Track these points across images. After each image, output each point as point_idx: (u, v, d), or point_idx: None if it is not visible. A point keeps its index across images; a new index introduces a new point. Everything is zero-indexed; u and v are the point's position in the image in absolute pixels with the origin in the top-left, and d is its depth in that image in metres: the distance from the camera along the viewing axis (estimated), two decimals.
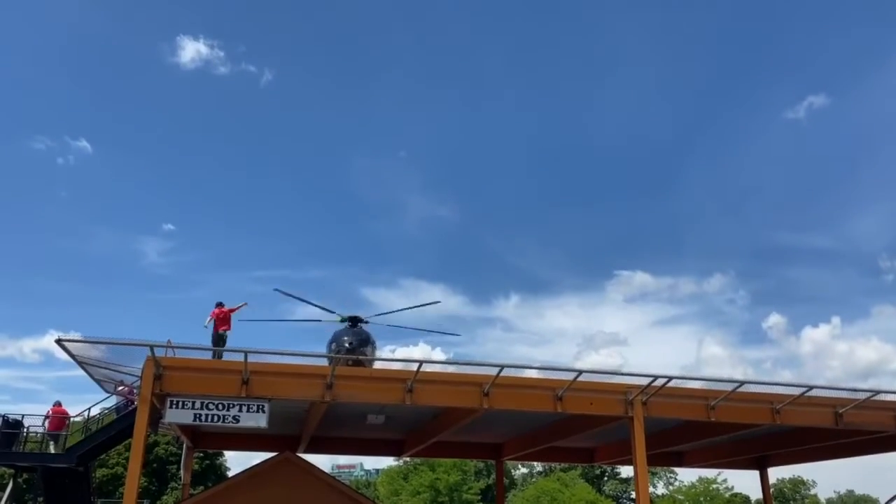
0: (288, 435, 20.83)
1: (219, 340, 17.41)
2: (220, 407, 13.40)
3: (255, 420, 13.49)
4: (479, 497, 62.55)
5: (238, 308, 18.23)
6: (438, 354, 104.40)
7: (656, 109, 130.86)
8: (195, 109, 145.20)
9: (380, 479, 74.14)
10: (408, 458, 52.85)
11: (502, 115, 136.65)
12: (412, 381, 14.06)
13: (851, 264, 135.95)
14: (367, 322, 23.97)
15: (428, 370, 14.65)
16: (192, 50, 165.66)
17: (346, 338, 22.92)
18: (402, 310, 25.06)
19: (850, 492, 77.35)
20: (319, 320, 24.38)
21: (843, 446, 20.83)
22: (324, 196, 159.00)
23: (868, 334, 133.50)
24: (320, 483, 21.55)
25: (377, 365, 21.71)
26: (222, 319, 17.75)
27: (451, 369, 17.11)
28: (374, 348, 23.31)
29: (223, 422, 13.46)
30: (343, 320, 23.78)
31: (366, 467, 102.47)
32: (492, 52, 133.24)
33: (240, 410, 13.45)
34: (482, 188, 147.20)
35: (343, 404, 14.86)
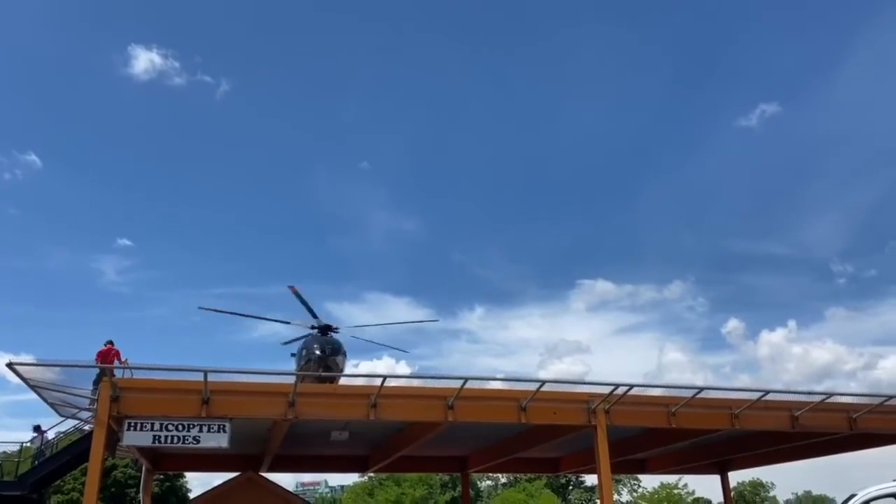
0: (250, 454, 20.51)
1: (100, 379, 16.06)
2: (180, 428, 13.17)
3: (217, 440, 13.29)
4: None
5: (123, 359, 16.76)
6: (403, 368, 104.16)
7: (616, 120, 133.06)
8: (150, 121, 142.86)
9: (345, 495, 73.36)
10: (373, 474, 52.38)
11: (466, 128, 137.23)
12: (376, 396, 13.99)
13: (805, 269, 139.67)
14: (337, 330, 23.47)
15: (392, 385, 14.59)
16: (145, 60, 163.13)
17: (316, 345, 22.37)
18: (393, 324, 24.80)
19: (808, 492, 79.14)
20: (289, 322, 23.82)
21: (799, 448, 21.29)
22: (285, 209, 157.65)
23: (822, 337, 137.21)
24: (284, 502, 21.31)
25: (340, 381, 21.55)
26: (109, 360, 16.73)
27: (415, 383, 17.08)
28: (344, 357, 22.81)
29: (183, 443, 13.23)
30: (314, 328, 23.22)
31: (331, 484, 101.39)
32: (456, 64, 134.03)
33: (200, 431, 13.24)
34: (447, 201, 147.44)
35: (306, 422, 14.71)
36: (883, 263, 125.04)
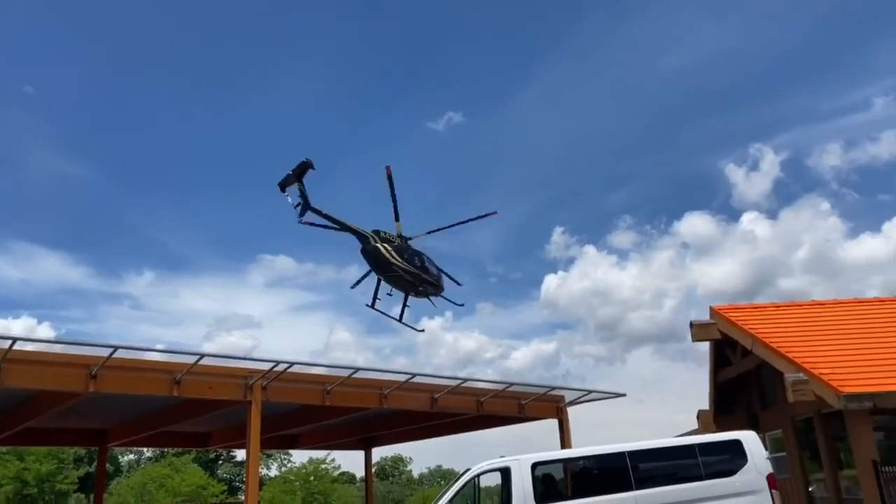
0: None
1: None
2: None
3: None
4: (77, 486, 57.02)
5: None
6: (46, 330, 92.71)
7: (319, 104, 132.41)
8: None
9: None
10: None
11: (162, 77, 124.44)
12: (1, 360, 12.29)
13: (467, 267, 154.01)
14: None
15: (24, 349, 12.93)
16: None
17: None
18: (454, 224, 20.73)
19: (439, 466, 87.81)
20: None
21: (436, 427, 23.72)
22: None
23: (472, 327, 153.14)
24: None
25: None
26: None
27: (57, 349, 15.36)
28: None
29: None
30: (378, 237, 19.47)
31: None
32: (160, 11, 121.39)
33: None
34: (127, 152, 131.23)
35: None
36: (526, 269, 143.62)
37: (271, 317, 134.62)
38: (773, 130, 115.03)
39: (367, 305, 19.81)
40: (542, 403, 21.57)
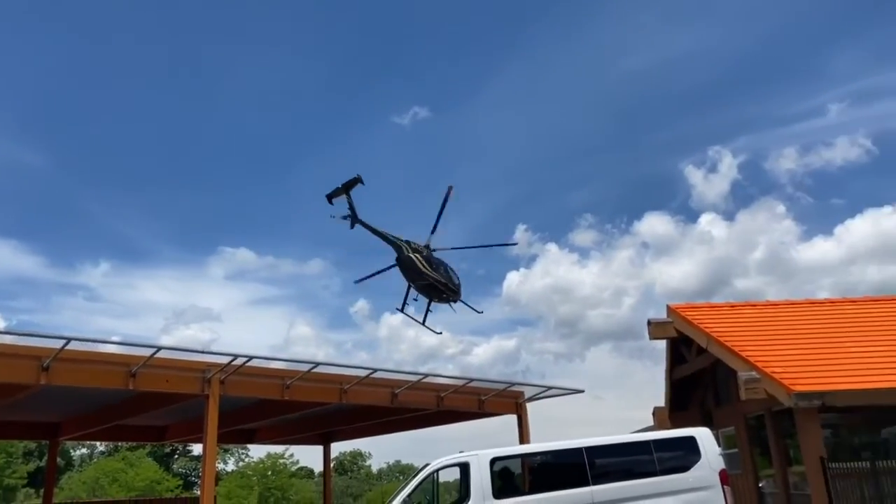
0: None
1: None
2: None
3: None
4: (26, 481, 55.57)
5: None
6: None
7: (283, 100, 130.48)
8: None
9: None
10: None
11: (125, 74, 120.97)
12: None
13: None
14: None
15: None
16: None
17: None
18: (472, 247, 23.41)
19: (398, 462, 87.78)
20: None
21: (396, 422, 23.68)
22: None
23: (434, 323, 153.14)
24: None
25: None
26: None
27: (8, 339, 14.97)
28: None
29: None
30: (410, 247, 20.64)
31: None
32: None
33: None
34: (86, 141, 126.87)
35: None
36: (489, 265, 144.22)
37: (231, 310, 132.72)
38: (732, 133, 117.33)
39: (398, 309, 21.14)
40: (502, 399, 21.72)
